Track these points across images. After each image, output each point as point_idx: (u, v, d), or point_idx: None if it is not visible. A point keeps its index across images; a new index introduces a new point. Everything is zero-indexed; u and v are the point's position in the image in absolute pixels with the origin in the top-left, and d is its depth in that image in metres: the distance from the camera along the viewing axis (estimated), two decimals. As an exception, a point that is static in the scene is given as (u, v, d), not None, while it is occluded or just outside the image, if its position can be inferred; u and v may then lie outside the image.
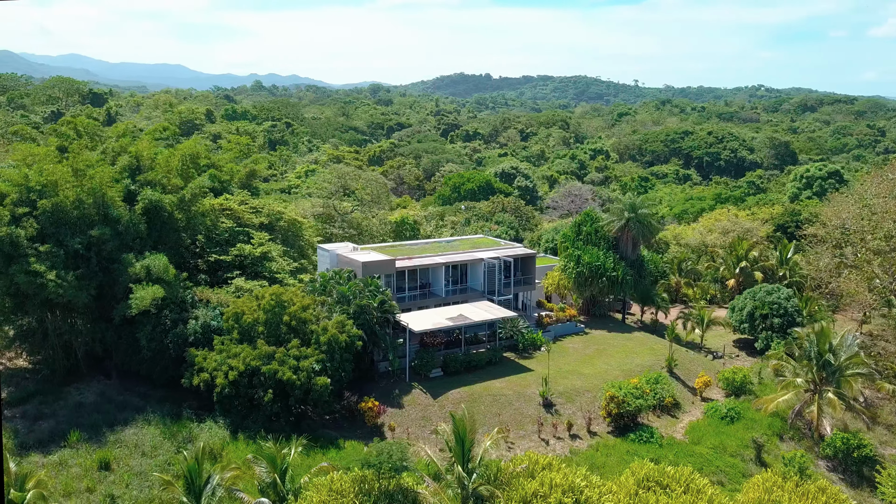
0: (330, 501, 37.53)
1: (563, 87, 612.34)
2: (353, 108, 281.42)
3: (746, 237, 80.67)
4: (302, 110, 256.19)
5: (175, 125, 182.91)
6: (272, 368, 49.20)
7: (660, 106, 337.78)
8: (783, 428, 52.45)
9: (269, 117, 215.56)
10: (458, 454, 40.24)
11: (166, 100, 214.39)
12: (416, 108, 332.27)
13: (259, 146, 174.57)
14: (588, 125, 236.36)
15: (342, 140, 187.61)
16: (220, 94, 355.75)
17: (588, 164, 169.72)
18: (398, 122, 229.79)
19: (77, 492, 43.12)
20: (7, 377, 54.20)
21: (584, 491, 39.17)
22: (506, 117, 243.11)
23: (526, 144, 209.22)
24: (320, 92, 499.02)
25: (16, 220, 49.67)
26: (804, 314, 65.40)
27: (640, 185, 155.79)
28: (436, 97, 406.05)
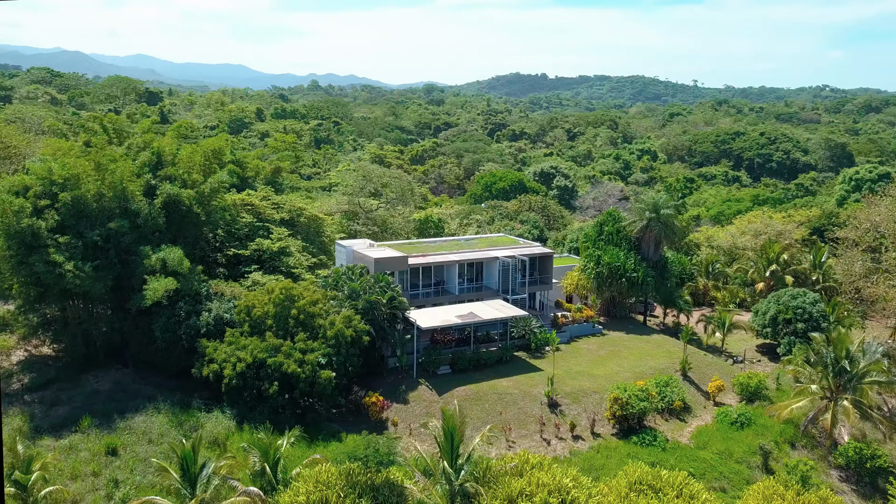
0: (315, 493, 37.97)
1: (620, 88, 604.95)
2: (403, 107, 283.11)
3: (779, 240, 78.53)
4: (352, 109, 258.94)
5: (225, 123, 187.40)
6: (278, 361, 50.00)
7: (716, 107, 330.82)
8: (796, 435, 50.98)
9: (317, 116, 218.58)
10: (447, 450, 40.31)
11: (218, 98, 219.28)
12: (468, 108, 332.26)
13: (305, 144, 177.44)
14: (637, 125, 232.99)
15: (387, 139, 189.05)
16: (276, 94, 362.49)
17: (633, 164, 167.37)
18: (445, 121, 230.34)
19: (83, 475, 44.52)
20: (30, 363, 56.29)
21: (572, 491, 38.78)
22: (553, 117, 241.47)
23: (573, 144, 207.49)
24: (375, 92, 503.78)
25: (38, 212, 51.53)
26: (831, 319, 63.39)
27: (686, 186, 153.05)
28: (487, 97, 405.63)
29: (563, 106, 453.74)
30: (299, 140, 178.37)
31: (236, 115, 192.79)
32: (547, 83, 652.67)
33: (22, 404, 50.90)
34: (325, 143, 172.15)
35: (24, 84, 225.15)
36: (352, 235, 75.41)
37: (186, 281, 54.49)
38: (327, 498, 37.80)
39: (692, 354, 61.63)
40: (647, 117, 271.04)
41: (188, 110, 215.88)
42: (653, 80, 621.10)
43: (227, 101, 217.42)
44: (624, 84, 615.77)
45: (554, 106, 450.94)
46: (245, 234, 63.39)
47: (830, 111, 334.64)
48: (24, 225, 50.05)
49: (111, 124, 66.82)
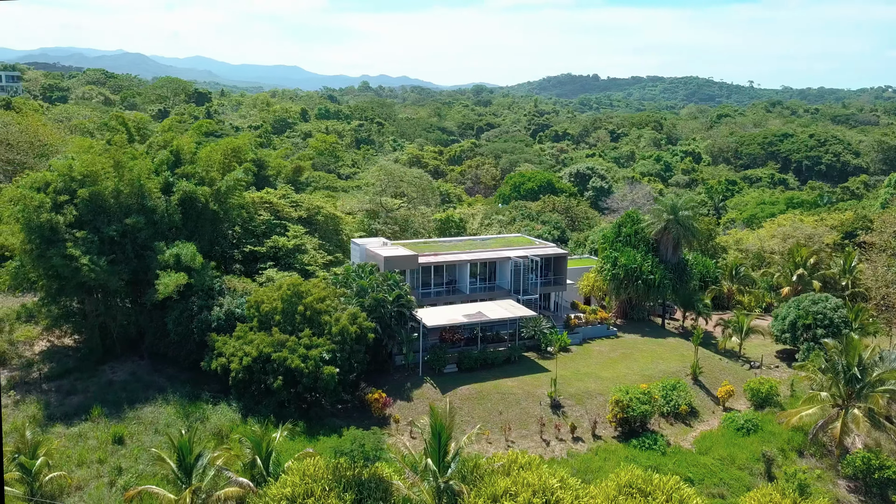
0: (301, 485, 38.55)
1: (673, 89, 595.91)
2: (448, 108, 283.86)
3: (808, 244, 76.54)
4: (397, 110, 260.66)
5: (269, 123, 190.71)
6: (282, 356, 50.82)
7: (769, 108, 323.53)
8: (805, 443, 49.72)
9: (362, 117, 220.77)
10: (434, 448, 40.50)
11: (264, 99, 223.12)
12: (514, 109, 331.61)
13: (346, 144, 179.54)
14: (684, 127, 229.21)
15: (428, 140, 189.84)
16: (325, 95, 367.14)
17: (674, 165, 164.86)
18: (488, 122, 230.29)
19: (89, 462, 45.94)
20: (52, 353, 58.25)
21: (557, 492, 38.59)
22: (597, 118, 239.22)
23: (616, 145, 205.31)
24: (424, 93, 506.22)
25: (57, 207, 53.34)
26: (854, 326, 61.59)
27: (727, 188, 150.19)
28: (535, 97, 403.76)
29: (614, 107, 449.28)
30: (340, 140, 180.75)
31: (280, 115, 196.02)
32: (598, 84, 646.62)
33: (39, 392, 52.76)
34: (365, 144, 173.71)
35: (80, 85, 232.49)
36: (372, 234, 76.11)
37: (200, 276, 55.72)
38: (312, 491, 38.35)
39: (707, 359, 60.61)
40: (696, 119, 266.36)
41: (235, 110, 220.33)
42: (707, 82, 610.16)
43: (273, 102, 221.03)
44: (677, 85, 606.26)
45: (604, 107, 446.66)
46: (262, 231, 64.57)
47: (890, 112, 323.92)
48: (44, 219, 51.88)
49: (132, 123, 68.73)
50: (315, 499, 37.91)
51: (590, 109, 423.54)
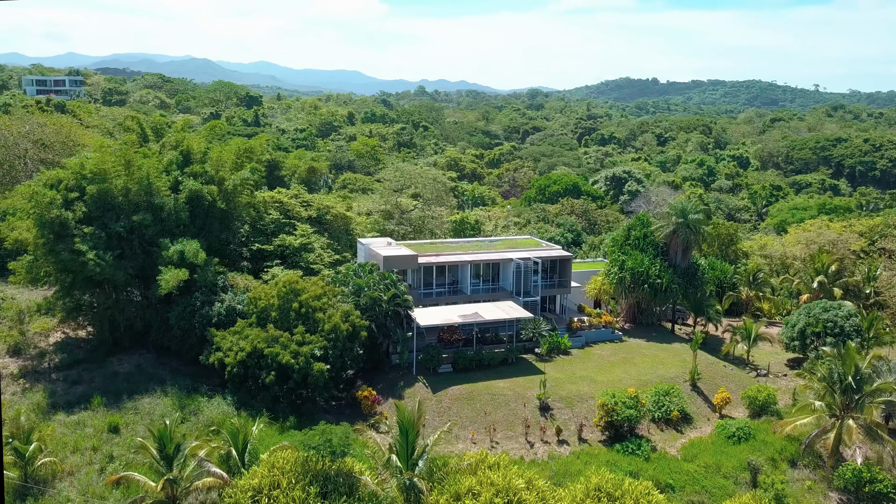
0: (269, 477, 39.36)
1: (734, 92, 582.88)
2: (497, 112, 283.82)
3: (831, 250, 74.25)
4: (445, 114, 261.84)
5: (315, 126, 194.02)
6: (274, 352, 51.87)
7: (831, 112, 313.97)
8: (798, 454, 48.35)
9: (407, 121, 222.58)
10: (402, 445, 40.85)
11: (312, 103, 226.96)
12: (567, 113, 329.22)
13: (389, 148, 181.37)
14: (734, 131, 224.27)
15: (471, 143, 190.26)
16: (378, 99, 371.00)
17: (718, 170, 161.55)
18: (534, 125, 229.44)
19: (83, 449, 47.65)
20: (65, 345, 60.52)
21: (521, 493, 38.49)
22: (643, 121, 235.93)
23: (663, 149, 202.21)
24: (479, 97, 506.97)
25: (68, 204, 55.55)
26: (869, 335, 59.60)
27: (772, 193, 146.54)
28: (588, 101, 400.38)
29: (671, 111, 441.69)
30: (383, 143, 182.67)
31: (326, 118, 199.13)
32: (657, 88, 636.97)
33: (47, 381, 54.92)
34: (405, 147, 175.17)
35: (138, 89, 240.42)
36: (386, 234, 76.86)
37: (203, 273, 57.23)
38: (279, 483, 39.12)
39: (711, 365, 59.49)
40: (743, 123, 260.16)
41: (284, 113, 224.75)
42: (770, 85, 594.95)
43: (321, 106, 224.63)
44: (739, 89, 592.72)
45: (661, 111, 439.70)
46: (271, 230, 65.93)
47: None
48: (54, 215, 54.08)
49: (149, 124, 70.96)
50: (281, 490, 38.67)
51: (646, 113, 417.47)
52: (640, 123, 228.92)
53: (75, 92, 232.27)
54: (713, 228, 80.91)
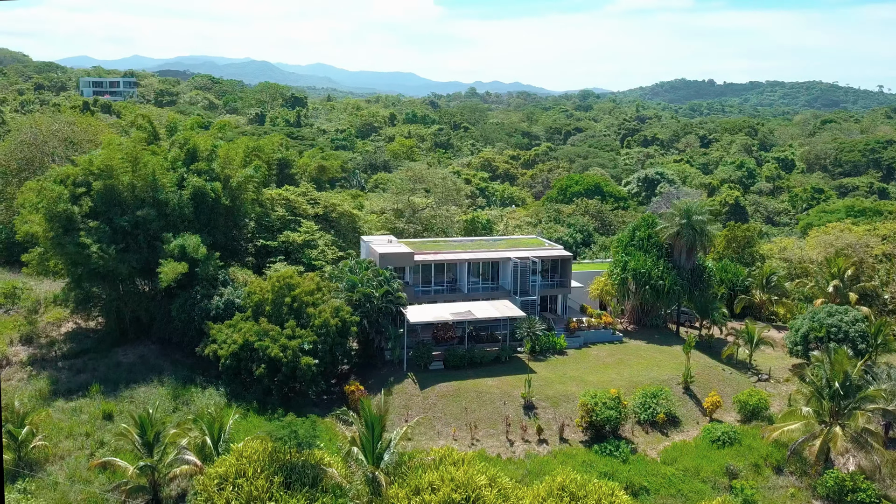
0: (236, 465, 40.27)
1: (793, 94, 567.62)
2: (542, 113, 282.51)
3: (850, 253, 72.03)
4: (488, 115, 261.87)
5: (355, 127, 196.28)
6: (264, 345, 52.95)
7: (891, 114, 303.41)
8: (783, 460, 47.21)
9: (449, 122, 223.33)
10: (367, 438, 41.37)
11: (354, 104, 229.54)
12: (615, 114, 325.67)
13: (427, 148, 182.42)
14: (782, 132, 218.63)
15: (509, 144, 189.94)
16: (427, 101, 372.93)
17: (758, 172, 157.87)
18: (576, 126, 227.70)
19: (76, 434, 49.39)
20: (75, 334, 62.76)
21: (481, 490, 38.56)
22: (686, 122, 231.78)
23: (706, 151, 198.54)
24: (530, 98, 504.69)
25: (75, 199, 57.61)
26: (878, 341, 57.77)
27: (813, 196, 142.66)
28: (637, 102, 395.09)
29: (726, 113, 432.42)
30: (421, 144, 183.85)
31: (366, 119, 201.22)
32: (714, 90, 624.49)
33: (53, 369, 57.06)
34: (440, 148, 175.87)
35: (188, 90, 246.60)
36: (396, 232, 77.49)
37: (204, 267, 58.66)
38: (245, 471, 40.00)
39: (710, 368, 58.47)
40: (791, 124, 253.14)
41: (327, 114, 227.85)
42: (831, 86, 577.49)
43: (364, 107, 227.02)
44: (798, 90, 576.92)
45: (715, 113, 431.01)
46: (277, 226, 67.15)
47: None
48: (60, 209, 56.19)
49: (167, 122, 72.87)
50: (246, 479, 39.54)
51: (699, 115, 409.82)
52: (684, 125, 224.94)
53: (129, 93, 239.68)
54: (728, 231, 79.38)
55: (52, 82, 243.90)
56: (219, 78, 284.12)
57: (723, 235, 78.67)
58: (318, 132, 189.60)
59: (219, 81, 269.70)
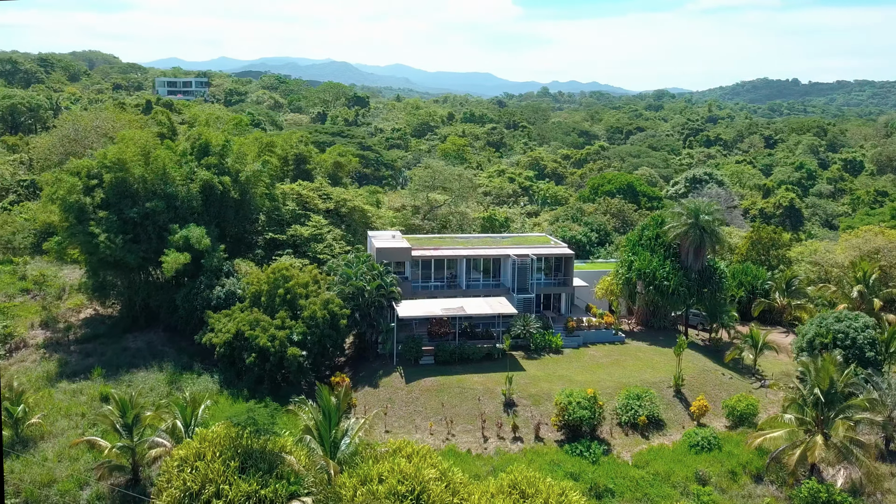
0: (197, 448, 41.43)
1: (883, 94, 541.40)
2: (610, 112, 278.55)
3: (879, 257, 68.53)
4: (550, 115, 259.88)
5: (411, 126, 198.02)
6: (254, 335, 54.30)
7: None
8: (762, 467, 45.49)
9: (508, 121, 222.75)
10: (325, 427, 41.96)
11: (414, 103, 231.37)
12: (686, 113, 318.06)
13: (480, 147, 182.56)
14: (855, 133, 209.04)
15: (564, 143, 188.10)
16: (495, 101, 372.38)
17: (819, 174, 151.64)
18: (638, 126, 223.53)
19: (73, 414, 51.72)
20: (91, 320, 65.61)
21: (428, 483, 38.60)
22: (752, 122, 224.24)
23: (771, 152, 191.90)
24: (602, 98, 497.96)
25: (88, 190, 60.27)
26: (891, 350, 55.03)
27: (876, 199, 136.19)
28: (709, 102, 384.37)
29: (808, 113, 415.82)
30: (475, 143, 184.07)
31: (422, 119, 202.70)
32: (797, 89, 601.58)
33: (64, 352, 59.87)
34: (490, 147, 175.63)
35: (256, 89, 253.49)
36: (412, 229, 78.01)
37: (209, 258, 60.49)
38: (204, 454, 41.13)
39: (707, 372, 56.83)
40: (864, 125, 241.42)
41: (387, 113, 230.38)
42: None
43: (422, 106, 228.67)
44: (889, 90, 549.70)
45: (797, 113, 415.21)
46: (287, 220, 68.57)
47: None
48: (73, 200, 58.94)
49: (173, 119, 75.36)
50: (204, 462, 40.67)
51: (778, 116, 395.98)
52: (748, 125, 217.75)
53: (200, 93, 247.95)
54: (752, 232, 76.77)
55: (130, 82, 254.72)
56: (285, 77, 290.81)
57: (747, 237, 76.09)
58: (376, 130, 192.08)
59: (285, 81, 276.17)
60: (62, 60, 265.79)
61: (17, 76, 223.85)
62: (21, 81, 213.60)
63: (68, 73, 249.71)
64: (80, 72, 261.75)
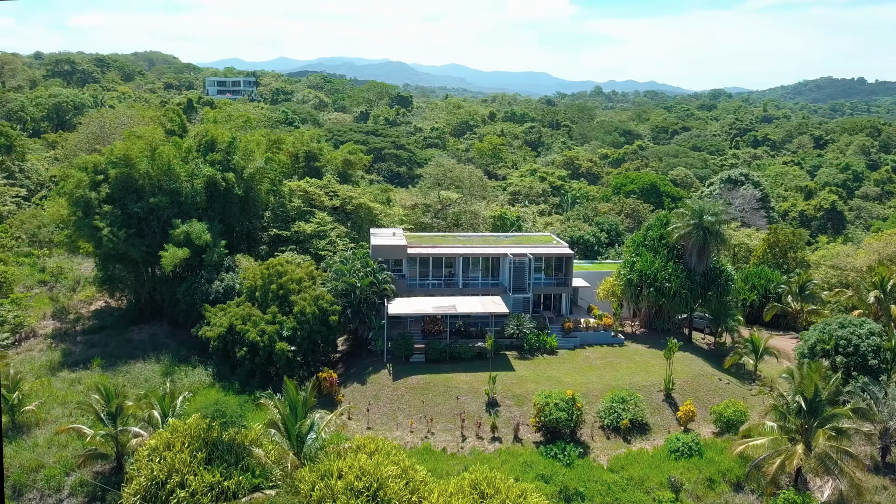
0: (169, 439, 42.14)
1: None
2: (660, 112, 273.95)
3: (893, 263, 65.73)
4: (596, 114, 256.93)
5: (450, 125, 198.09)
6: (244, 329, 54.99)
7: None
8: (743, 476, 44.06)
9: (551, 120, 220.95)
10: (291, 421, 42.21)
11: (456, 103, 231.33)
12: (739, 113, 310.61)
13: (518, 146, 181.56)
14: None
15: (604, 142, 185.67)
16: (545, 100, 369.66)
17: (866, 175, 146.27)
18: (684, 125, 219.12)
19: (69, 403, 53.16)
20: (101, 312, 67.36)
21: (385, 480, 38.45)
22: (801, 122, 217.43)
23: (821, 152, 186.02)
24: (656, 97, 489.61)
25: (95, 185, 61.88)
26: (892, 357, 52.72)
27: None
28: (764, 101, 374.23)
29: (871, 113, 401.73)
30: (514, 142, 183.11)
31: (462, 118, 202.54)
32: (863, 88, 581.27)
33: (69, 343, 61.64)
34: (528, 146, 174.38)
35: (302, 88, 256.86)
36: (422, 227, 77.92)
37: (210, 253, 61.52)
38: (173, 444, 41.83)
39: (702, 377, 55.36)
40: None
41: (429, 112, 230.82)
42: None
43: (464, 105, 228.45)
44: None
45: (859, 113, 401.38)
46: (293, 217, 69.24)
47: None
48: (79, 195, 60.64)
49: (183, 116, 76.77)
50: (172, 451, 41.35)
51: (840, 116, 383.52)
52: (798, 125, 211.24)
53: (248, 92, 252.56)
54: (770, 234, 74.46)
55: (181, 82, 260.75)
56: (331, 77, 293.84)
57: (764, 239, 73.84)
58: (415, 129, 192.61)
59: (330, 81, 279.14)
60: (118, 60, 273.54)
61: (75, 76, 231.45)
62: (78, 81, 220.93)
63: (123, 72, 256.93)
64: (134, 72, 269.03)
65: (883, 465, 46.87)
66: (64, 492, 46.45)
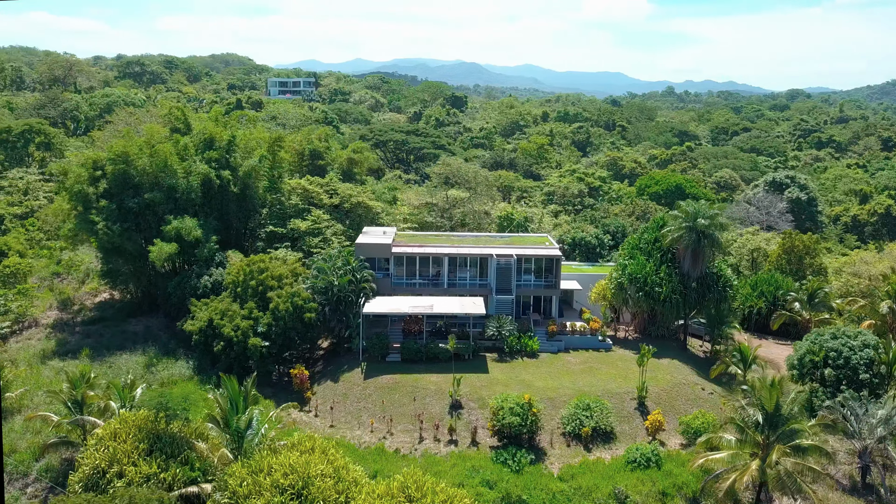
0: (116, 429, 42.81)
1: None
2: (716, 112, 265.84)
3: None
4: (657, 114, 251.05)
5: (500, 125, 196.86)
6: (221, 324, 55.55)
7: None
8: (706, 490, 41.87)
9: (607, 120, 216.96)
10: (231, 414, 42.27)
11: (509, 103, 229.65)
12: (813, 114, 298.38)
13: (566, 146, 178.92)
14: None
15: (655, 143, 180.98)
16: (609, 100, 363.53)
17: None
18: (744, 126, 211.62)
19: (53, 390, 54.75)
20: (103, 304, 69.21)
21: (313, 479, 38.07)
22: (870, 124, 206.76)
23: (889, 155, 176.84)
24: (731, 98, 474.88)
25: (94, 181, 63.57)
26: (892, 372, 49.35)
27: None
28: (841, 102, 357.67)
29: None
30: (562, 141, 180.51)
31: (513, 118, 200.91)
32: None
33: (66, 333, 63.49)
34: (574, 146, 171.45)
35: (360, 89, 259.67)
36: (426, 227, 77.25)
37: (201, 249, 62.45)
38: (119, 434, 42.49)
39: (682, 386, 53.12)
40: None
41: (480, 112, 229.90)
42: None
43: (516, 105, 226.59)
44: None
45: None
46: (290, 214, 69.66)
47: None
48: (78, 190, 62.43)
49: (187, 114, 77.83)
50: (116, 442, 42.01)
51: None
52: (866, 126, 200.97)
53: (308, 93, 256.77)
54: (784, 239, 70.89)
55: (244, 83, 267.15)
56: (388, 78, 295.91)
57: (779, 244, 70.34)
58: (463, 129, 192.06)
59: (387, 81, 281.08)
60: (186, 62, 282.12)
61: (144, 77, 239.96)
62: (147, 82, 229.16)
63: (190, 73, 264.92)
64: (201, 73, 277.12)
65: (862, 485, 43.85)
66: (30, 476, 47.76)
